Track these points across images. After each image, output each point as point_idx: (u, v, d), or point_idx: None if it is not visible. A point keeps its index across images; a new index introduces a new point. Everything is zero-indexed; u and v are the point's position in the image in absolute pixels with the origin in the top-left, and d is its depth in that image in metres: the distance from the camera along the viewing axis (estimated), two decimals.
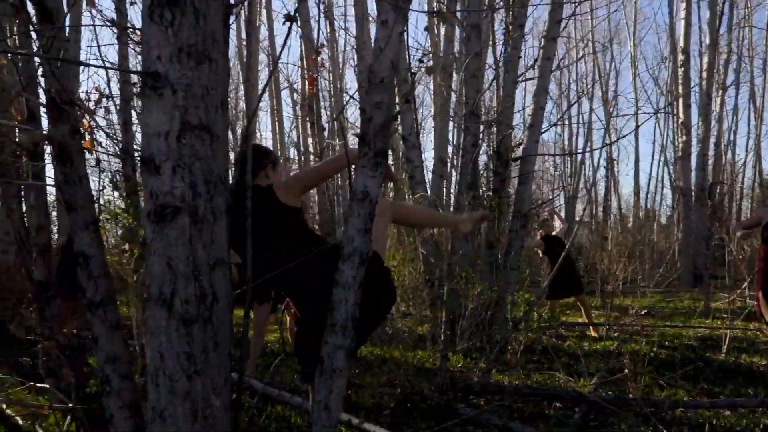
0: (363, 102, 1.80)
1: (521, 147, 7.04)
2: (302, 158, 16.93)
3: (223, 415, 1.96)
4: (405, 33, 1.80)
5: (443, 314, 4.63)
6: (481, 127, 6.75)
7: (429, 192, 7.75)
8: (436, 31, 11.12)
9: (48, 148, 4.93)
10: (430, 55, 9.72)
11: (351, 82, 38.76)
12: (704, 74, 14.84)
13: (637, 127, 21.24)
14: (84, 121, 2.98)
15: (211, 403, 1.89)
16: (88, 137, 3.05)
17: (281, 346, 6.46)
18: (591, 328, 7.53)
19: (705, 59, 15.17)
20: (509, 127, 6.41)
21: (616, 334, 7.39)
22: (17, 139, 4.95)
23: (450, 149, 10.10)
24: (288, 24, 2.26)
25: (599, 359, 5.78)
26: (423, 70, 7.22)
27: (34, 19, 2.53)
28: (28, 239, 4.69)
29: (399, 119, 6.24)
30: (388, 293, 2.77)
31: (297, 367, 5.48)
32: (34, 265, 4.68)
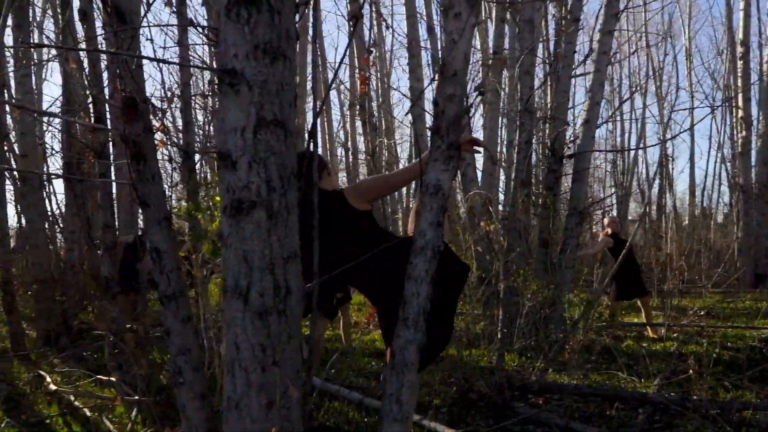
0: (436, 95, 1.80)
1: (573, 143, 6.93)
2: (350, 158, 17.04)
3: (296, 406, 1.99)
4: (475, 25, 1.79)
5: (499, 312, 4.58)
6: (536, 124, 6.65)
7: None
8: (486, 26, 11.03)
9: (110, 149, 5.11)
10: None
11: (399, 81, 38.74)
12: (764, 66, 14.28)
13: (693, 125, 20.56)
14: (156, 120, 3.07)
15: (286, 394, 1.92)
16: (159, 136, 3.13)
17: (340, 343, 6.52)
18: (649, 328, 7.34)
19: (765, 51, 14.60)
20: (564, 123, 6.30)
21: (675, 335, 7.18)
22: (84, 140, 5.17)
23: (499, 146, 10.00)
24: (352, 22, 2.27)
25: (660, 360, 5.63)
26: (491, 62, 7.13)
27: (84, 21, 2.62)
28: (91, 237, 4.87)
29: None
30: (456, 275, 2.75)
31: (352, 364, 5.53)
32: (101, 262, 4.86)
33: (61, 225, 10.10)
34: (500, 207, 8.48)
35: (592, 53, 9.17)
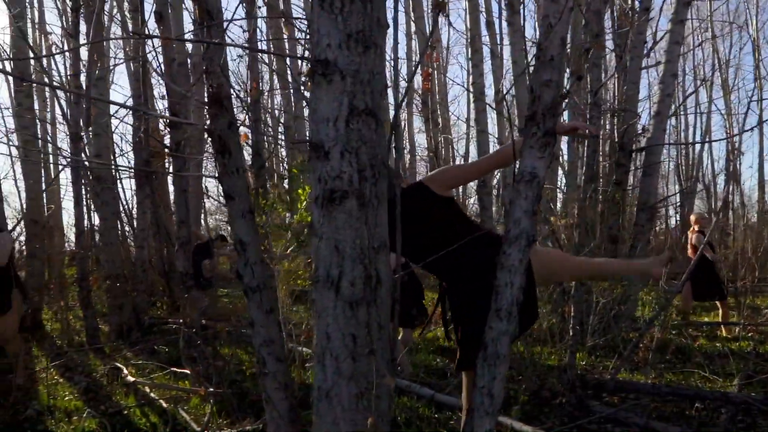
0: (532, 81, 1.76)
1: (640, 137, 6.71)
2: (408, 155, 17.01)
3: (386, 397, 1.99)
4: (572, 9, 1.74)
5: (571, 309, 4.47)
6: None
7: None
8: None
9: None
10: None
11: (455, 77, 38.49)
12: None
13: (761, 120, 19.62)
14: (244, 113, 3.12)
15: (379, 384, 1.92)
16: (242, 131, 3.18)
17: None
18: (723, 327, 7.05)
19: None
20: (634, 115, 6.11)
21: (749, 335, 6.88)
22: (159, 139, 5.35)
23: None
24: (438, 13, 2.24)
25: (737, 360, 5.40)
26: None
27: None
28: (159, 233, 4.99)
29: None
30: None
31: (417, 360, 5.52)
32: (176, 257, 5.01)
33: (128, 223, 10.46)
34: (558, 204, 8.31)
35: (656, 44, 8.89)
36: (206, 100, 2.54)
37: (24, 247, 9.01)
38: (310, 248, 2.17)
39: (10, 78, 9.10)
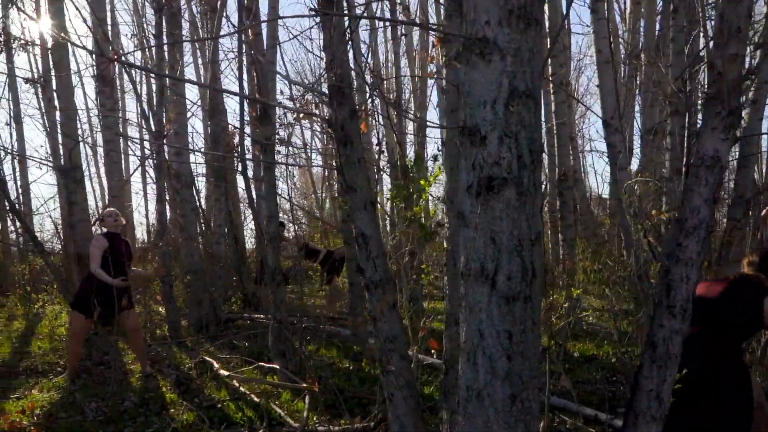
0: (712, 56, 1.60)
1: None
2: None
3: (537, 400, 1.87)
4: None
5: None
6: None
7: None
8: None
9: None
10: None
11: None
12: None
13: None
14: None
15: (529, 386, 1.80)
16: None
17: None
18: None
19: None
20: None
21: None
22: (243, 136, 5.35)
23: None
24: None
25: None
26: None
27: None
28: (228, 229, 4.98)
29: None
30: None
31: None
32: (266, 252, 5.01)
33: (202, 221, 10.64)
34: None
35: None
36: (327, 90, 2.48)
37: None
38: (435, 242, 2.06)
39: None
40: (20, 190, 12.16)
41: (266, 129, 4.54)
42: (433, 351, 4.60)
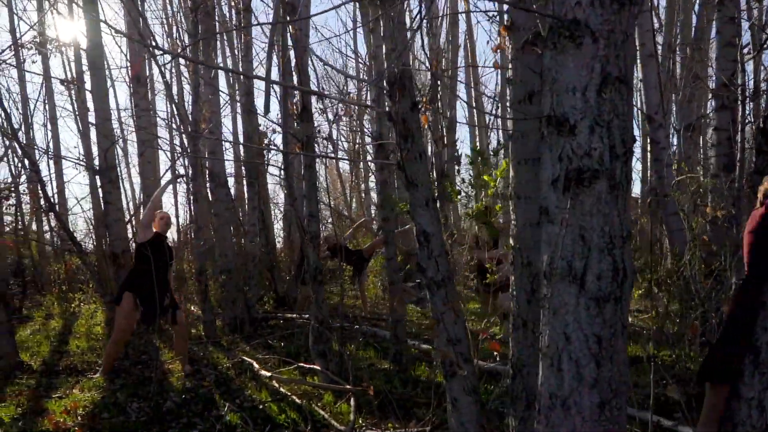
0: None
1: None
2: None
3: (625, 409, 1.75)
4: None
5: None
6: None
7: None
8: None
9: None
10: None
11: None
12: None
13: None
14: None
15: (619, 394, 1.68)
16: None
17: None
18: None
19: None
20: None
21: None
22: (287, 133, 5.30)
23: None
24: None
25: None
26: None
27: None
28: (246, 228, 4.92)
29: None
30: None
31: None
32: (306, 251, 4.93)
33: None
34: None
35: None
36: (386, 83, 2.38)
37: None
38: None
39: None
40: (56, 190, 12.28)
41: (307, 126, 4.46)
42: (496, 354, 4.49)
